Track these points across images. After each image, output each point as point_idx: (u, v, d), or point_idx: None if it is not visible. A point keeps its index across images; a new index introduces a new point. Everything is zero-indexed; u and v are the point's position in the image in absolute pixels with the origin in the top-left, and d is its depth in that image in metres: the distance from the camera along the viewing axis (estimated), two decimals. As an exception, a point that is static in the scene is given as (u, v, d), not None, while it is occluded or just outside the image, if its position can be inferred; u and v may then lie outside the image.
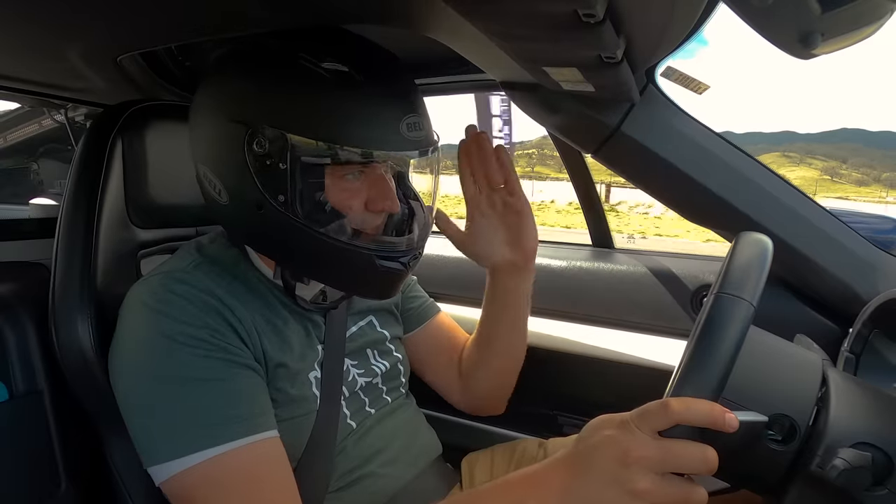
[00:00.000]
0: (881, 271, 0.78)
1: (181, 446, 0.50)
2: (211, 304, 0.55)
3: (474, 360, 0.80)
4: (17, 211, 2.13)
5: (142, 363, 0.54)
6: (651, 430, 0.38)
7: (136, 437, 0.54)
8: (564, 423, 1.07)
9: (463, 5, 0.45)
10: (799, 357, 0.49)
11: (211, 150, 0.58)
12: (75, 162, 0.69)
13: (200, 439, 0.50)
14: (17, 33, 0.63)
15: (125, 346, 0.56)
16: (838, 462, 0.39)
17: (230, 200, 0.57)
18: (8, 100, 1.84)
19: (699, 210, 0.84)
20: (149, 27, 0.63)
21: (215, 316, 0.55)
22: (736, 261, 0.44)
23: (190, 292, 0.55)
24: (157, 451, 0.52)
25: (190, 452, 0.50)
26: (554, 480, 0.41)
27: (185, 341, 0.52)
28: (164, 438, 0.51)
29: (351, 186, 0.57)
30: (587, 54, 0.53)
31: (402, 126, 0.55)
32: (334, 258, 0.57)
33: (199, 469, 0.50)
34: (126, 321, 0.57)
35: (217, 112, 0.56)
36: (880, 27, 0.43)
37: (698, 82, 0.74)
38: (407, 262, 0.59)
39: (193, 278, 0.57)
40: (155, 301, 0.55)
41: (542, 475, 0.43)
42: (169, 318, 0.53)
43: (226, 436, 0.51)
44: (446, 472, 0.80)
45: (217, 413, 0.51)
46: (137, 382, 0.54)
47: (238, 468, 0.51)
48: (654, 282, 1.04)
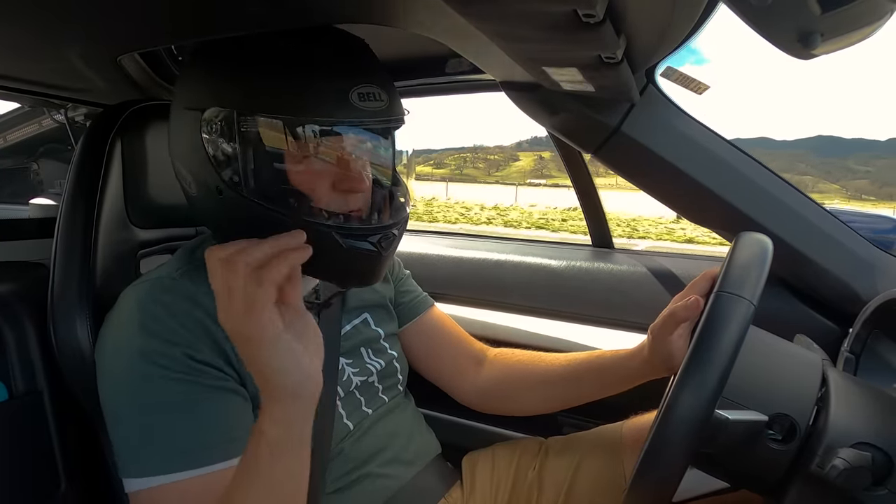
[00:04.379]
0: (881, 271, 0.78)
1: (148, 467, 0.51)
2: (194, 317, 0.55)
3: (544, 392, 0.78)
4: (17, 211, 2.12)
5: (118, 380, 0.54)
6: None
7: (113, 444, 0.55)
8: (564, 423, 1.07)
9: (463, 5, 0.45)
10: (799, 357, 0.49)
11: (178, 143, 0.58)
12: (75, 162, 0.69)
13: (166, 463, 0.51)
14: (17, 33, 0.63)
15: (105, 352, 0.56)
16: (838, 462, 0.39)
17: (197, 191, 0.57)
18: (8, 100, 1.84)
19: (699, 210, 0.84)
20: (149, 27, 0.63)
21: (198, 330, 0.55)
22: (736, 260, 0.44)
23: (175, 303, 0.55)
24: (124, 465, 0.53)
25: (154, 474, 0.51)
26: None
27: (164, 364, 0.52)
28: (131, 456, 0.52)
29: (314, 167, 0.55)
30: (587, 54, 0.53)
31: (353, 95, 0.52)
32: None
33: (161, 491, 0.50)
34: (111, 324, 0.57)
35: (178, 104, 0.57)
36: (880, 27, 0.43)
37: (698, 82, 0.75)
38: (377, 242, 0.56)
39: (180, 286, 0.57)
40: (139, 311, 0.55)
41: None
42: (148, 335, 0.53)
43: (193, 462, 0.51)
44: (446, 471, 0.80)
45: (185, 439, 0.52)
46: (113, 396, 0.55)
47: (197, 494, 0.51)
48: (654, 282, 1.03)
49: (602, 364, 0.74)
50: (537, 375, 0.79)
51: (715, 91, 3.94)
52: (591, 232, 1.25)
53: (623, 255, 1.13)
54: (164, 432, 0.52)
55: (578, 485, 0.74)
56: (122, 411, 0.54)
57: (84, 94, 0.86)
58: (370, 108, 0.54)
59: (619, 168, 0.83)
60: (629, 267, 1.07)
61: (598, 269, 1.10)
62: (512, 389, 0.81)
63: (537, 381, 0.78)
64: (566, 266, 1.12)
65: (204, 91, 0.55)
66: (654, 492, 0.42)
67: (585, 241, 1.27)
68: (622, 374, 0.72)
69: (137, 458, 0.52)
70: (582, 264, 1.11)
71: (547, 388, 0.78)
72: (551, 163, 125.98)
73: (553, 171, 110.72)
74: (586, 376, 0.75)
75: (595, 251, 1.20)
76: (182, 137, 0.57)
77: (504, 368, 0.81)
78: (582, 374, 0.75)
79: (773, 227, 0.77)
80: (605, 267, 1.09)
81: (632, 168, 0.82)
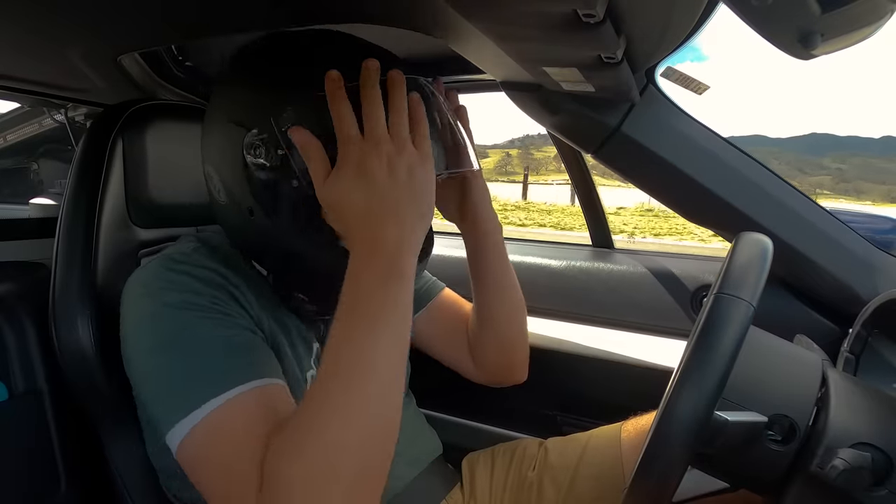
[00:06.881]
0: (881, 271, 0.78)
1: (199, 396, 0.48)
2: (214, 279, 0.55)
3: (475, 327, 0.79)
4: (17, 211, 2.13)
5: (148, 332, 0.52)
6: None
7: (151, 411, 0.52)
8: (564, 423, 1.07)
9: (463, 5, 0.45)
10: (799, 357, 0.49)
11: (214, 151, 0.57)
12: (76, 162, 0.69)
13: (208, 388, 0.48)
14: (17, 33, 0.63)
15: (129, 322, 0.54)
16: (838, 462, 0.39)
17: (227, 202, 0.57)
18: (8, 100, 1.84)
19: (699, 210, 0.84)
20: (149, 27, 0.63)
21: (219, 289, 0.54)
22: (736, 261, 0.44)
23: (192, 269, 0.55)
24: (168, 413, 0.49)
25: (208, 399, 0.48)
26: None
27: (192, 309, 0.52)
28: (176, 399, 0.49)
29: None
30: (587, 54, 0.53)
31: None
32: (324, 277, 0.54)
33: (210, 420, 0.48)
34: (127, 304, 0.56)
35: (221, 113, 0.56)
36: (880, 27, 0.43)
37: (698, 82, 0.75)
38: None
39: (194, 259, 0.56)
40: (154, 281, 0.54)
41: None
42: (171, 290, 0.53)
43: (230, 382, 0.49)
44: (447, 472, 0.80)
45: (220, 363, 0.50)
46: (143, 352, 0.53)
47: (246, 412, 0.48)
48: (654, 282, 1.04)
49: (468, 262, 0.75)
50: (472, 317, 0.79)
51: (711, 88, 3.91)
52: (591, 232, 1.25)
53: (623, 255, 1.13)
54: (207, 361, 0.50)
55: (578, 485, 0.74)
56: (159, 360, 0.51)
57: (84, 94, 0.86)
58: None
59: (619, 168, 0.83)
60: (629, 267, 1.07)
61: (598, 269, 1.10)
62: (478, 346, 0.80)
63: (475, 324, 0.79)
64: (566, 266, 1.12)
65: (252, 111, 0.53)
66: (654, 492, 0.42)
67: (580, 238, 1.27)
68: (468, 247, 0.74)
69: (185, 395, 0.49)
70: (582, 264, 1.11)
71: (477, 316, 0.78)
72: (516, 160, 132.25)
73: (517, 168, 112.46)
74: (472, 279, 0.76)
75: (595, 251, 1.20)
76: (219, 147, 0.56)
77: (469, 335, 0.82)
78: (473, 285, 0.76)
79: (772, 227, 0.77)
80: (605, 267, 1.09)
81: (632, 168, 0.82)
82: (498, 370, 0.82)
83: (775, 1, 0.41)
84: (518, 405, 0.88)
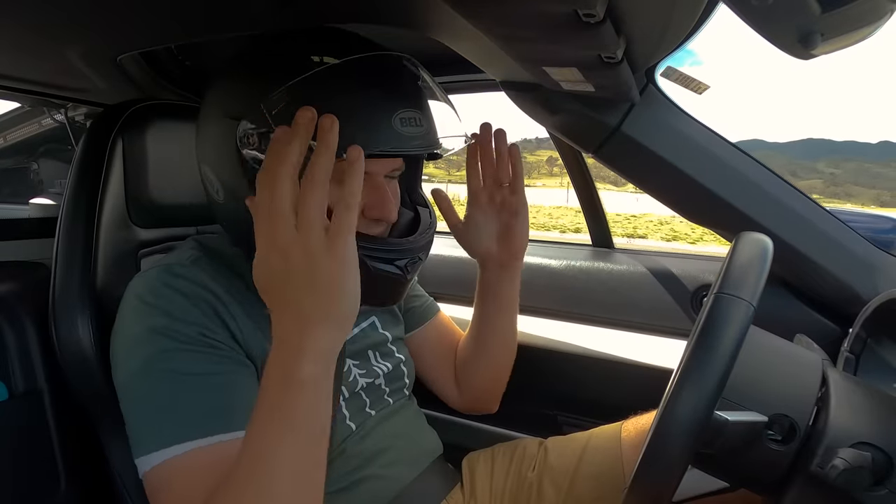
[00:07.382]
0: (881, 271, 0.78)
1: (167, 436, 0.50)
2: (205, 299, 0.55)
3: (468, 356, 0.82)
4: (17, 211, 2.12)
5: (132, 357, 0.53)
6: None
7: (128, 429, 0.53)
8: (564, 423, 1.07)
9: (463, 5, 0.45)
10: (799, 357, 0.49)
11: (208, 148, 0.58)
12: (76, 162, 0.69)
13: (181, 431, 0.50)
14: (16, 33, 0.63)
15: (119, 339, 0.56)
16: (838, 462, 0.39)
17: (225, 199, 0.57)
18: (8, 100, 1.84)
19: (699, 210, 0.84)
20: (149, 27, 0.63)
21: (208, 311, 0.55)
22: (736, 261, 0.44)
23: (185, 286, 0.55)
24: (140, 441, 0.51)
25: (175, 443, 0.49)
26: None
27: (180, 338, 0.52)
28: (149, 430, 0.51)
29: None
30: (587, 54, 0.53)
31: (395, 120, 0.52)
32: None
33: (176, 462, 0.49)
34: (122, 314, 0.57)
35: (215, 109, 0.56)
36: (880, 27, 0.43)
37: (698, 82, 0.74)
38: (404, 266, 0.56)
39: (190, 273, 0.57)
40: (149, 294, 0.55)
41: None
42: (160, 314, 0.53)
43: (216, 427, 0.50)
44: (447, 472, 0.80)
45: (200, 407, 0.51)
46: (127, 375, 0.54)
47: (201, 468, 0.49)
48: (654, 282, 1.04)
49: (476, 294, 0.79)
50: (467, 346, 0.82)
51: (709, 91, 3.92)
52: (591, 232, 1.25)
53: (623, 255, 1.13)
54: (184, 400, 0.50)
55: (578, 485, 0.74)
56: (140, 386, 0.52)
57: (84, 93, 0.86)
58: (411, 133, 0.53)
59: (619, 168, 0.83)
60: (629, 267, 1.07)
61: (598, 269, 1.10)
62: (465, 375, 0.83)
63: (469, 353, 0.82)
64: (566, 266, 1.12)
65: (246, 102, 0.52)
66: (654, 492, 0.42)
67: (584, 240, 1.27)
68: (487, 283, 0.77)
69: (156, 429, 0.50)
70: (582, 264, 1.11)
71: (473, 347, 0.81)
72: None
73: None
74: (477, 312, 0.80)
75: (595, 251, 1.20)
76: (215, 143, 0.56)
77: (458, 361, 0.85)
78: (476, 316, 0.80)
79: (772, 227, 0.77)
80: (605, 267, 1.09)
81: (632, 168, 0.82)
82: (481, 396, 0.84)
83: (775, 1, 0.41)
84: (518, 405, 0.88)
